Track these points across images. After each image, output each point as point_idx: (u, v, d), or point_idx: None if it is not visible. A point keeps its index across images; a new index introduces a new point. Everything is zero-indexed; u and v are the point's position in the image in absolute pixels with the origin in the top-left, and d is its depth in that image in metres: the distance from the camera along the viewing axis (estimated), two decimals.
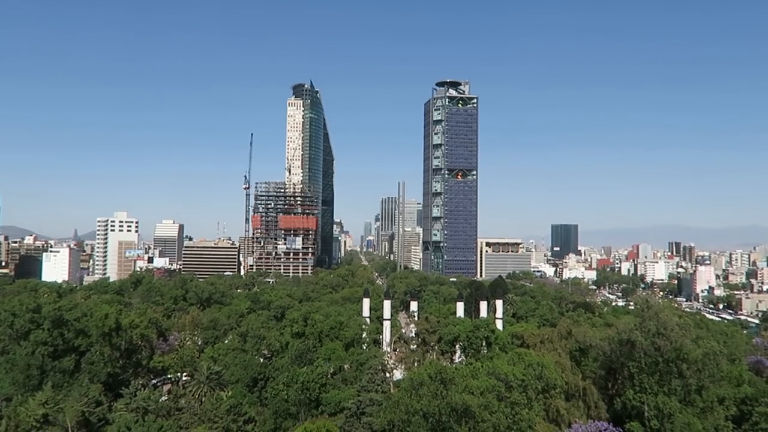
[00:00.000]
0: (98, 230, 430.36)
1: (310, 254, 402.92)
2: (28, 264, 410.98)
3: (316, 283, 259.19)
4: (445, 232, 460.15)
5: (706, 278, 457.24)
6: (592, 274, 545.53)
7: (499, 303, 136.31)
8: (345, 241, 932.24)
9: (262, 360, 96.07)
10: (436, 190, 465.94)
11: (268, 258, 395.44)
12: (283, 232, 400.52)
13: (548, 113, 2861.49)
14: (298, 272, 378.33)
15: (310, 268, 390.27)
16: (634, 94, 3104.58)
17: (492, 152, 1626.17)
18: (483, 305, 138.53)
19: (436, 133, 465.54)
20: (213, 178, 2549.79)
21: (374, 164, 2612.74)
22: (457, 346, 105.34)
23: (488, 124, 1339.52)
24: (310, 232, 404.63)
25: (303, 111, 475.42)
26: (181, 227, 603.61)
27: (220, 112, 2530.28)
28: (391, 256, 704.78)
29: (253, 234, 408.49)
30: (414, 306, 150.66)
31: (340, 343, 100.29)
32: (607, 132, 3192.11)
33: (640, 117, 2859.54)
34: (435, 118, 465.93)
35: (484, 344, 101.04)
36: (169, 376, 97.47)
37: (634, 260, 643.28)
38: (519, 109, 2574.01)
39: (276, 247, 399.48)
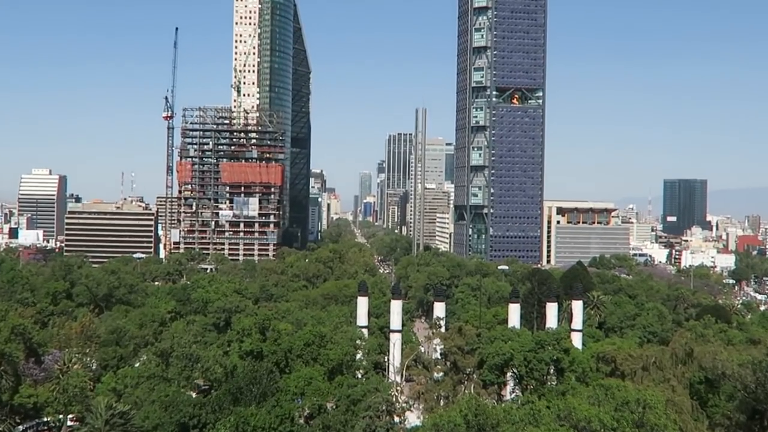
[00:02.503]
0: None
1: (271, 225, 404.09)
2: None
3: (281, 272, 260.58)
4: (492, 190, 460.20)
5: None
6: (728, 260, 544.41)
7: (577, 305, 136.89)
8: (329, 205, 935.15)
9: (194, 395, 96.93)
10: (477, 122, 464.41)
11: (204, 231, 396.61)
12: (228, 189, 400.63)
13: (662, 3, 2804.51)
14: (252, 254, 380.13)
15: (272, 247, 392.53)
16: None
17: (569, 63, 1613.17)
18: (551, 309, 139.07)
19: (478, 30, 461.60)
20: (113, 104, 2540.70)
21: (376, 83, 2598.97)
22: (509, 373, 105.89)
23: (563, 16, 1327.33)
24: (273, 189, 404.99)
25: None
26: (63, 180, 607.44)
27: None
28: (404, 228, 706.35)
29: (181, 192, 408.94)
30: (440, 310, 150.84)
31: (321, 369, 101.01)
32: (757, 34, 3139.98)
33: None
34: (477, 5, 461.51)
35: (552, 371, 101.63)
36: (45, 418, 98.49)
37: None
38: None
39: (217, 214, 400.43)
